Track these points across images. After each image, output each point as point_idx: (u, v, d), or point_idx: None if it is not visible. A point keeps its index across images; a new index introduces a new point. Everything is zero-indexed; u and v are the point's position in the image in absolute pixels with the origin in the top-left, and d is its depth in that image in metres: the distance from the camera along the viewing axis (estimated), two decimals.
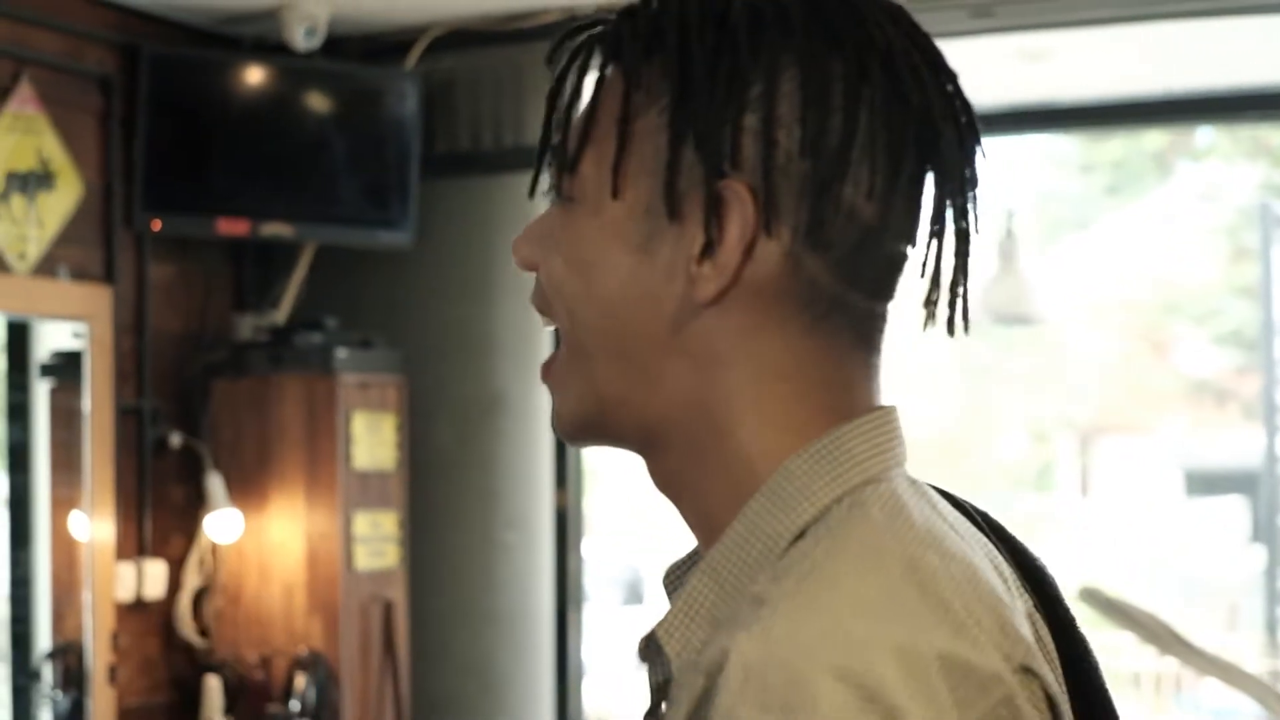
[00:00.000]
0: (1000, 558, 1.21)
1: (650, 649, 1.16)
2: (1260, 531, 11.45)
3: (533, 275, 1.24)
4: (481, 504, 5.02)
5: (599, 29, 1.19)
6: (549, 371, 1.22)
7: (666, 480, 1.20)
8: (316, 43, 4.82)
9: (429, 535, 5.01)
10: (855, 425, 1.14)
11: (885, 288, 1.18)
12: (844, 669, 0.99)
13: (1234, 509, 13.38)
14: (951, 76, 1.19)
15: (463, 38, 5.00)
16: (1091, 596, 4.62)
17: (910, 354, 12.99)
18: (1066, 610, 1.23)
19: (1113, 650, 8.58)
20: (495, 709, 4.99)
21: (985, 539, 1.22)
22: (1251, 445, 11.24)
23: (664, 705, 1.16)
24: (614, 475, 12.26)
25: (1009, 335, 13.02)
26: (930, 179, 1.17)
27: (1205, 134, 13.47)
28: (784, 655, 1.01)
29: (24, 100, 4.45)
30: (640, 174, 1.15)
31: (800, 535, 1.10)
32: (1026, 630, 1.11)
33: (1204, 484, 13.78)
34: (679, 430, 1.16)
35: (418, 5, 4.88)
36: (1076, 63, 5.11)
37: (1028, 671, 1.07)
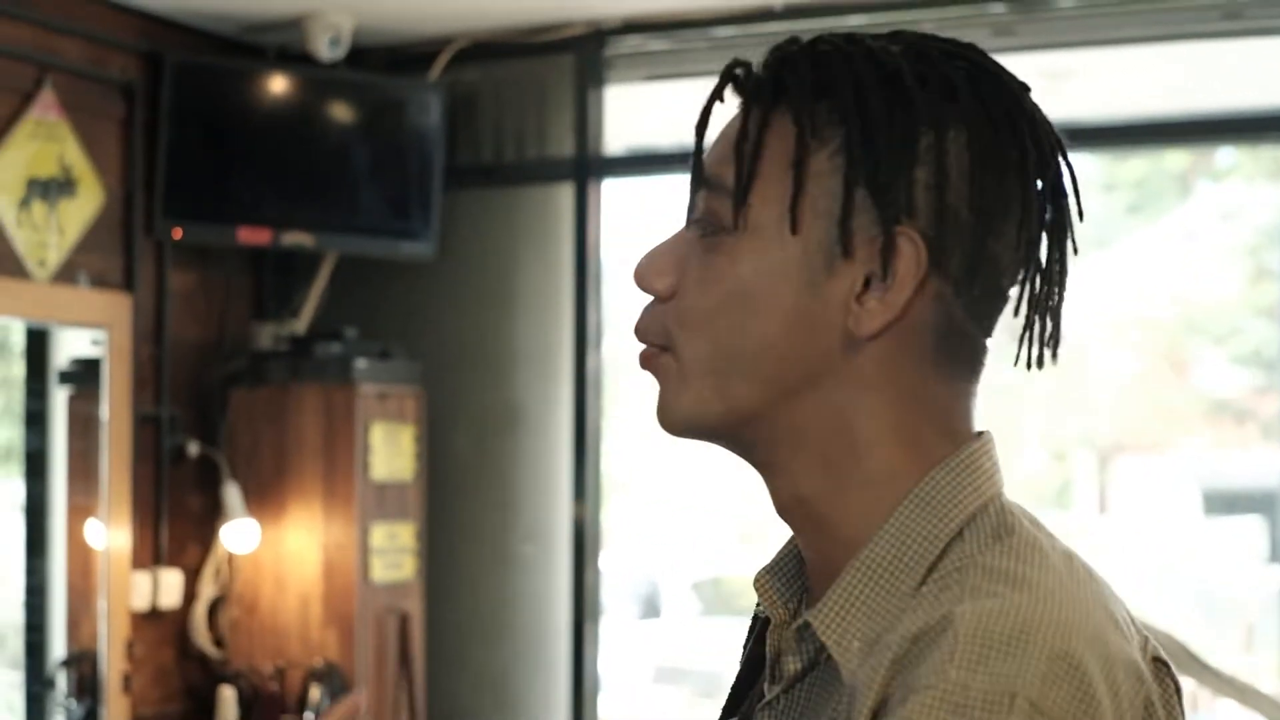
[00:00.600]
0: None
1: (800, 636, 1.27)
2: (1277, 552, 11.41)
3: (646, 299, 1.30)
4: (499, 516, 5.01)
5: (746, 70, 1.28)
6: (658, 364, 1.29)
7: (793, 495, 1.29)
8: (340, 53, 4.83)
9: (446, 547, 5.00)
10: (980, 445, 1.28)
11: (995, 324, 1.31)
12: (1055, 647, 1.13)
13: (1252, 529, 13.33)
14: (1063, 144, 1.31)
15: (487, 50, 5.00)
16: None
17: None
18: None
19: None
20: None
21: None
22: (1270, 465, 11.21)
23: (799, 689, 1.28)
24: (633, 488, 12.25)
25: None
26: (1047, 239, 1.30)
27: (1227, 154, 13.45)
28: (999, 627, 1.13)
29: (46, 107, 4.45)
30: (808, 213, 1.24)
31: (956, 536, 1.23)
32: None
33: (1222, 503, 13.73)
34: (814, 447, 1.27)
35: (442, 17, 4.88)
36: (1098, 83, 5.09)
37: (1158, 662, 1.23)
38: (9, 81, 4.39)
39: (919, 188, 1.23)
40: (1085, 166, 13.88)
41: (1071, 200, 1.30)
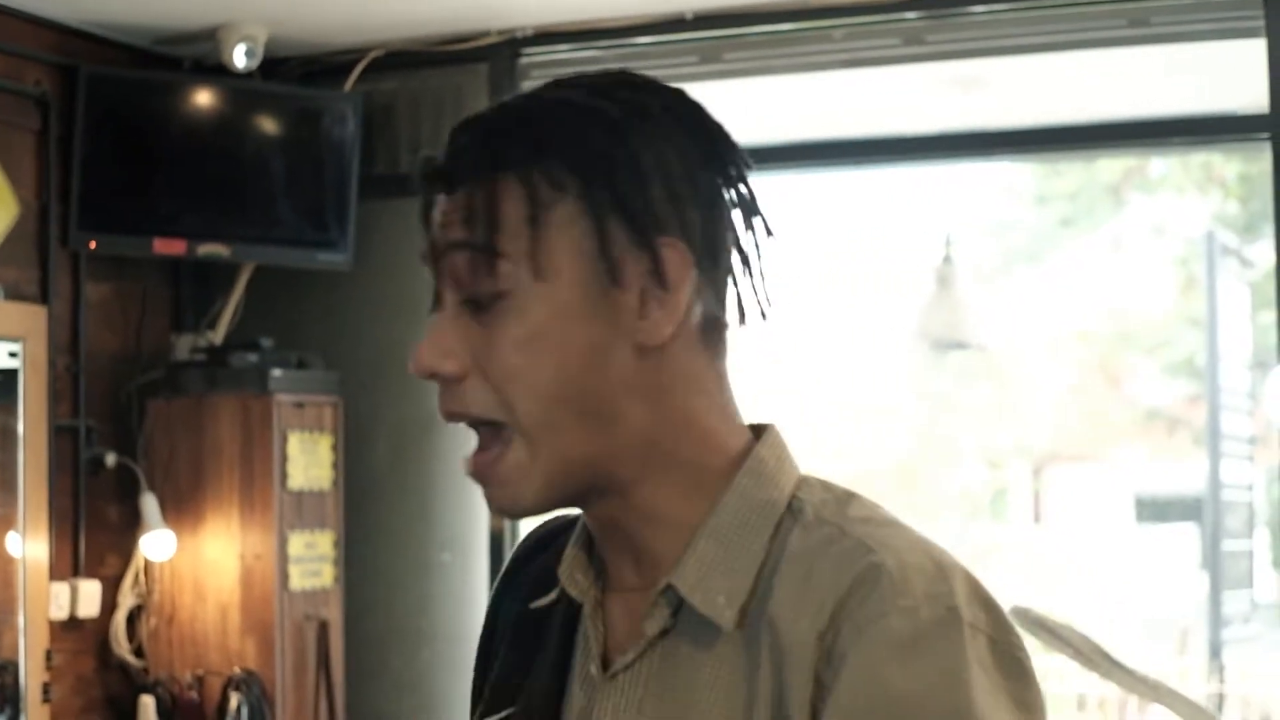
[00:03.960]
0: None
1: (659, 601, 1.36)
2: (1207, 558, 11.51)
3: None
4: (418, 525, 5.03)
5: (451, 161, 1.37)
6: (491, 468, 1.36)
7: (626, 507, 1.38)
8: (255, 64, 4.85)
9: (365, 555, 5.02)
10: (777, 428, 1.43)
11: (725, 299, 1.42)
12: (954, 563, 1.31)
13: (1184, 536, 13.44)
14: (727, 134, 1.43)
15: (402, 59, 5.03)
16: (1021, 616, 4.64)
17: (866, 384, 13.04)
18: None
19: (1057, 674, 8.61)
20: None
21: None
22: (1201, 473, 11.30)
23: (655, 650, 1.37)
24: None
25: (963, 364, 13.07)
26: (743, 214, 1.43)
27: (1158, 166, 13.56)
28: (920, 560, 1.29)
29: None
30: (570, 255, 1.33)
31: (792, 500, 1.37)
32: None
33: (1155, 511, 13.85)
34: (635, 461, 1.36)
35: (357, 27, 4.91)
36: (1009, 91, 5.16)
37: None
38: None
39: (658, 203, 1.35)
40: (1018, 178, 13.99)
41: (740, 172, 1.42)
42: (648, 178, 1.35)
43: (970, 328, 5.65)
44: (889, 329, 11.34)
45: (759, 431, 1.43)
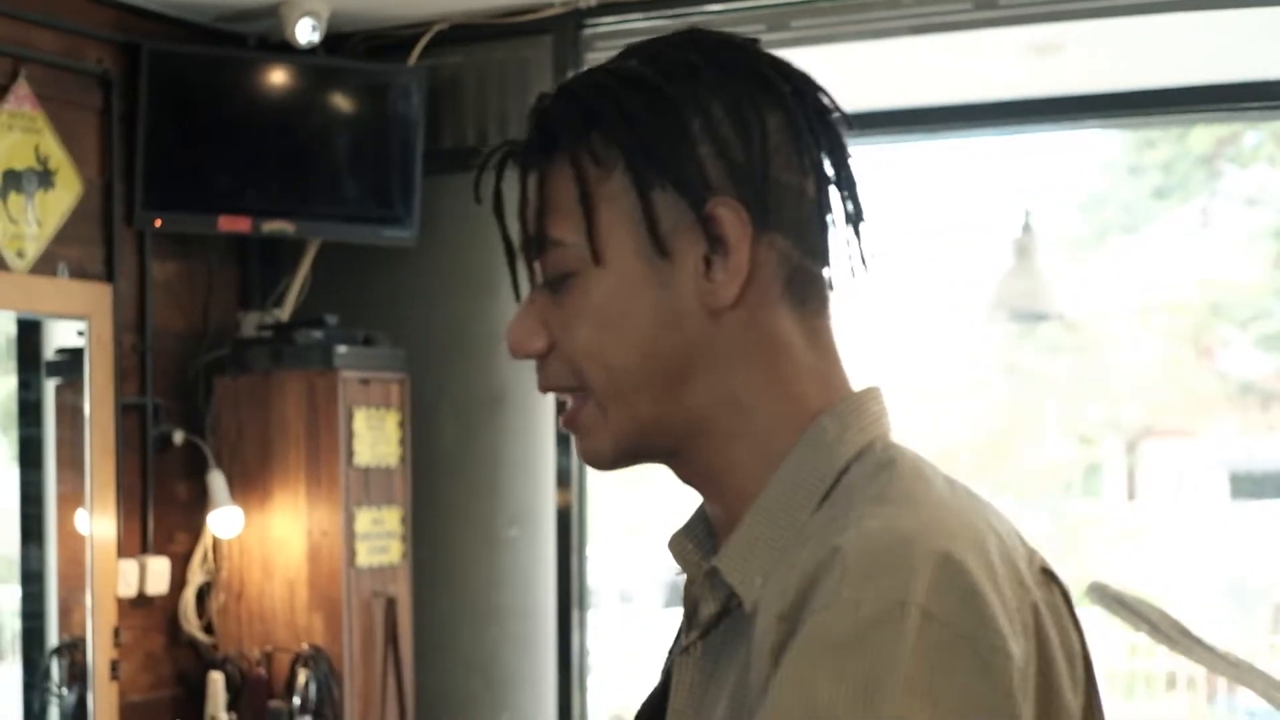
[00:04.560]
0: None
1: (710, 582, 1.36)
2: None
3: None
4: (485, 500, 5.00)
5: (513, 144, 1.40)
6: (576, 419, 1.40)
7: (696, 471, 1.40)
8: (318, 39, 4.82)
9: (433, 531, 5.00)
10: (867, 391, 1.39)
11: (827, 252, 1.41)
12: (934, 550, 1.20)
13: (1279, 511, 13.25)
14: (802, 74, 1.41)
15: (466, 33, 5.00)
16: (1098, 592, 4.56)
17: (954, 357, 12.93)
18: None
19: (1146, 651, 8.50)
20: (499, 705, 4.98)
21: None
22: None
23: (715, 634, 1.36)
24: (621, 475, 12.23)
25: (1051, 338, 12.94)
26: (827, 154, 1.41)
27: (1252, 137, 13.38)
28: (883, 544, 1.21)
29: (21, 98, 4.47)
30: (624, 229, 1.34)
31: (843, 472, 1.33)
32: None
33: (1251, 487, 13.67)
34: (710, 424, 1.36)
35: (420, 1, 4.88)
36: (1087, 56, 5.06)
37: (1046, 572, 1.32)
38: None
39: (708, 164, 1.34)
40: (1111, 150, 13.83)
41: (833, 116, 1.41)
42: (692, 139, 1.34)
43: (1049, 298, 5.56)
44: (969, 301, 11.22)
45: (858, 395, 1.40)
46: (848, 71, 5.13)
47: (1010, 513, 1.41)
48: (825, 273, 1.40)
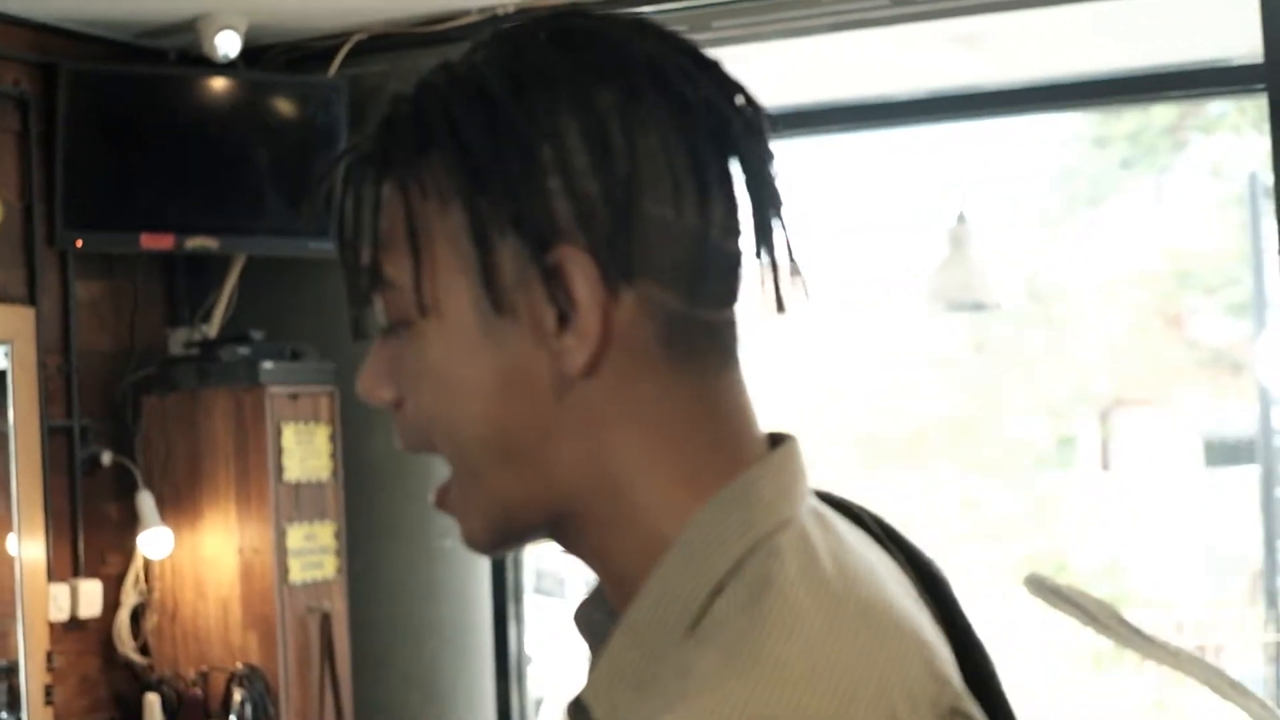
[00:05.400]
0: (903, 575, 1.20)
1: (578, 713, 1.13)
2: (1265, 503, 11.38)
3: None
4: (419, 512, 4.98)
5: (357, 152, 1.15)
6: (445, 499, 1.18)
7: (580, 552, 1.17)
8: (237, 53, 4.79)
9: (367, 545, 4.98)
10: (761, 466, 1.13)
11: (729, 293, 1.15)
12: None
13: (1254, 478, 13.26)
14: (716, 67, 1.15)
15: (386, 42, 4.97)
16: (1035, 584, 4.55)
17: (921, 335, 12.92)
18: (964, 615, 1.21)
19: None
20: (439, 718, 4.96)
21: (885, 552, 1.21)
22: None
23: None
24: None
25: (1023, 314, 12.94)
26: (736, 168, 1.14)
27: (1216, 106, 13.37)
28: None
29: None
30: (460, 278, 1.11)
31: (718, 590, 1.08)
32: (950, 666, 1.10)
33: (1224, 454, 13.68)
34: (582, 505, 1.13)
35: (338, 12, 4.85)
36: (1010, 47, 5.04)
37: (955, 713, 1.06)
38: None
39: (555, 201, 1.09)
40: (1076, 123, 13.82)
41: (739, 124, 1.14)
42: (541, 171, 1.09)
43: (985, 289, 5.55)
44: (906, 291, 11.21)
45: (774, 446, 1.16)
46: (772, 70, 5.11)
47: (982, 490, 1.20)
48: (724, 314, 1.15)
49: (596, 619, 1.21)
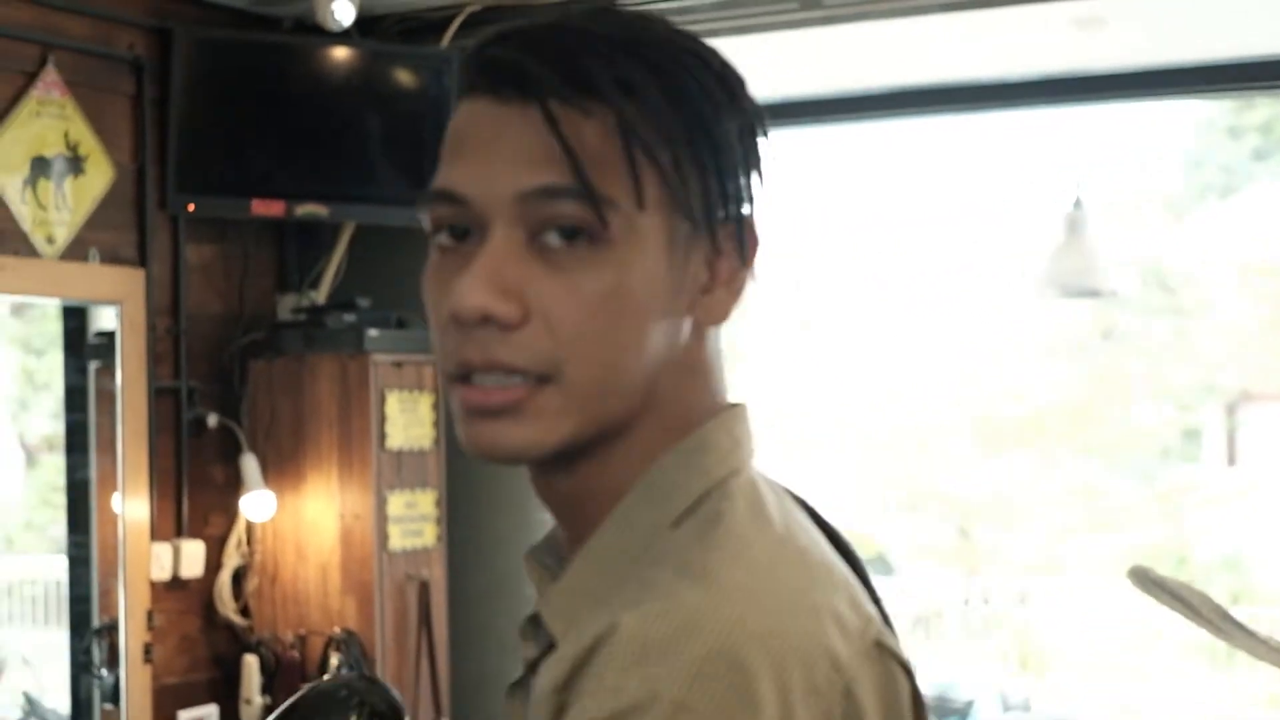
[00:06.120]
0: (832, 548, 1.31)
1: (531, 627, 1.28)
2: None
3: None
4: (520, 482, 4.94)
5: (522, 69, 1.22)
6: (524, 404, 1.21)
7: (573, 481, 1.27)
8: (350, 21, 4.81)
9: (468, 514, 5.00)
10: (719, 421, 1.26)
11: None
12: (714, 645, 1.09)
13: None
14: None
15: (499, 14, 4.96)
16: (1139, 576, 4.49)
17: (1043, 321, 12.79)
18: (880, 603, 1.31)
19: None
20: None
21: (820, 531, 1.33)
22: None
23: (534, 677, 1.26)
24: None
25: (1150, 302, 12.78)
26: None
27: None
28: (659, 630, 1.11)
29: (49, 85, 4.49)
30: (664, 214, 1.20)
31: (676, 524, 1.21)
32: (873, 609, 1.24)
33: None
34: (625, 432, 1.24)
35: None
36: (1130, 30, 4.96)
37: (880, 646, 1.19)
38: (11, 62, 4.42)
39: (739, 170, 1.24)
40: (1210, 112, 13.63)
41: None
42: (740, 144, 1.24)
43: (1100, 275, 5.47)
44: (1018, 276, 11.09)
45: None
46: (884, 49, 5.06)
47: (1102, 479, 1.29)
48: None
49: (547, 563, 1.34)
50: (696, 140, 1.21)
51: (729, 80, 1.26)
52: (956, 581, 12.54)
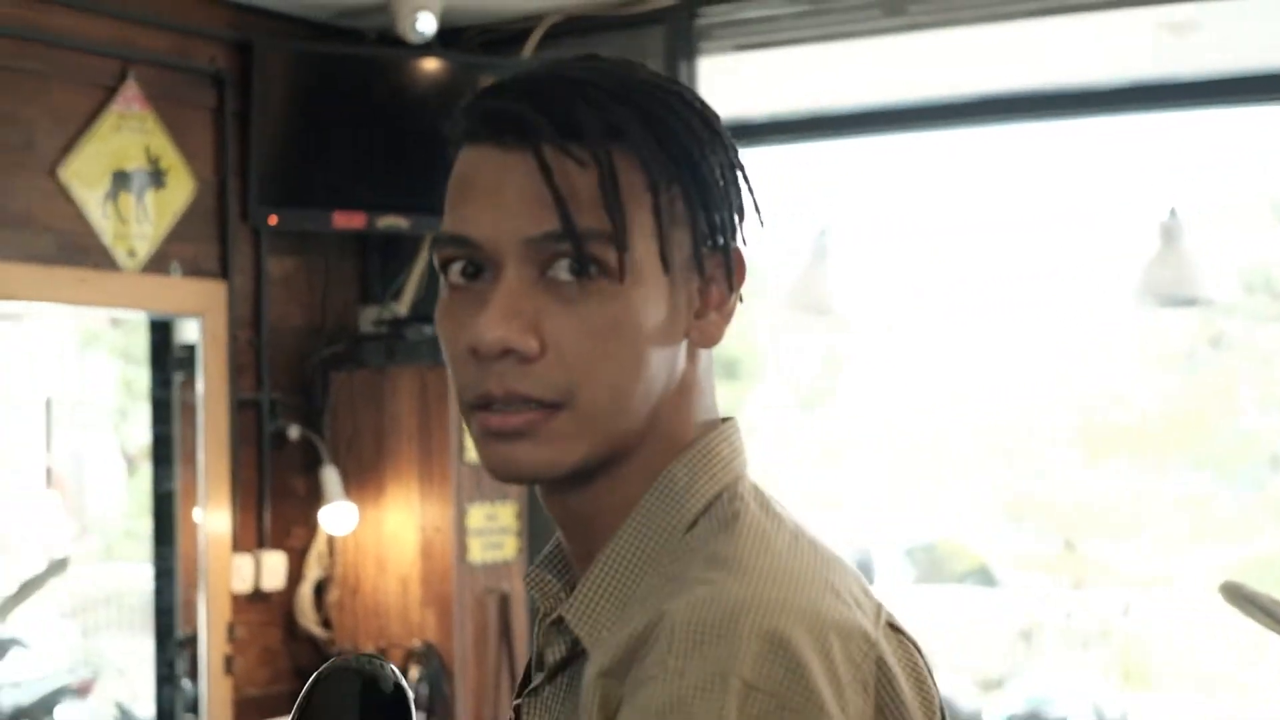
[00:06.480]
0: None
1: (556, 629, 1.33)
2: None
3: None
4: None
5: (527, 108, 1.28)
6: (541, 427, 1.28)
7: (583, 498, 1.33)
8: (431, 33, 4.81)
9: (548, 527, 4.95)
10: (718, 433, 1.36)
11: None
12: (765, 626, 1.18)
13: None
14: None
15: (579, 25, 4.95)
16: (1231, 591, 4.41)
17: (1148, 330, 12.64)
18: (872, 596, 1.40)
19: None
20: None
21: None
22: None
23: (561, 679, 1.34)
24: (856, 451, 12.12)
25: (1257, 308, 12.60)
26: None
27: None
28: (710, 614, 1.18)
29: (130, 99, 4.51)
30: (656, 245, 1.30)
31: (692, 525, 1.30)
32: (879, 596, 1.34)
33: None
34: (632, 450, 1.32)
35: None
36: (1221, 35, 4.88)
37: (892, 627, 1.30)
38: (91, 76, 4.45)
39: (731, 201, 1.34)
40: None
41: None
42: (722, 178, 1.34)
43: (1197, 283, 5.38)
44: (1116, 284, 10.94)
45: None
46: (968, 56, 5.00)
47: (1209, 488, 1.30)
48: None
49: (549, 580, 1.39)
50: (684, 177, 1.31)
51: (709, 119, 1.35)
52: (1060, 594, 12.40)
